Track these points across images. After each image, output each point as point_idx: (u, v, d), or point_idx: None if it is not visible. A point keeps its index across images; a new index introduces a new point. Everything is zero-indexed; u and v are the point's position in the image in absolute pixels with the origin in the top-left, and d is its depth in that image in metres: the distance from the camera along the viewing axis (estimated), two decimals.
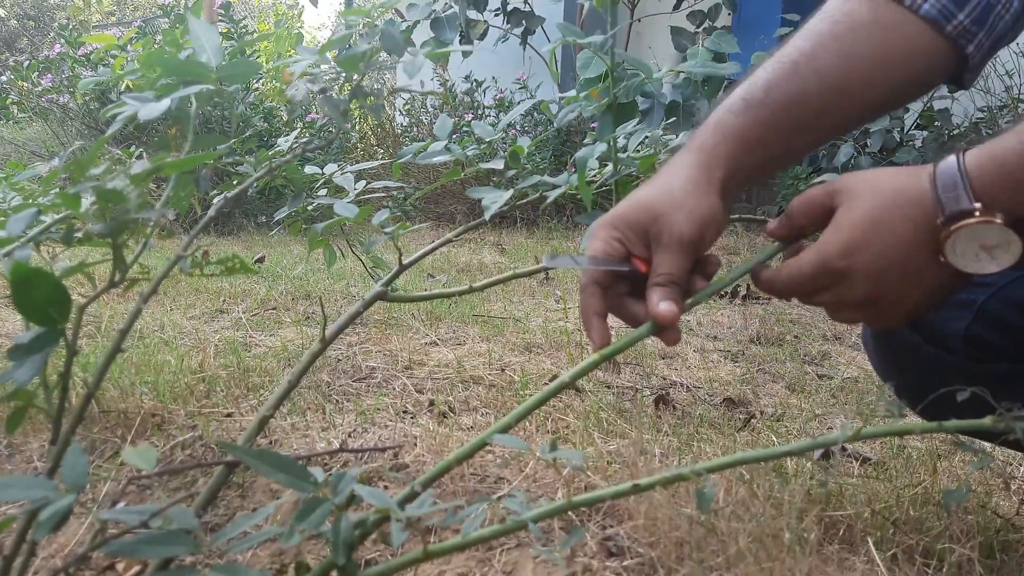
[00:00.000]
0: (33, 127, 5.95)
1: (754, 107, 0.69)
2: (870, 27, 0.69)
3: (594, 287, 0.68)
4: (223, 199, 0.93)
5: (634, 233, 0.66)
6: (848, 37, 0.69)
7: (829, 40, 0.69)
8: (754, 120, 0.68)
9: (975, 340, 0.81)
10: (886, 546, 0.96)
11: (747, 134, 0.68)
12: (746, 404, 1.60)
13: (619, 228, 0.67)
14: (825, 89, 0.68)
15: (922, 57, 0.70)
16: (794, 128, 0.69)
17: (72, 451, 0.59)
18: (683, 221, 0.64)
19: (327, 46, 0.89)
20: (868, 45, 0.69)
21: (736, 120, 0.69)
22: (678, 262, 0.64)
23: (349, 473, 0.59)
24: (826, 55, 0.69)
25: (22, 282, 0.59)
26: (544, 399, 0.67)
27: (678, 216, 0.64)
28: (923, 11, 0.68)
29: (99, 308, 2.21)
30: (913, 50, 0.69)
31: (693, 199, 0.65)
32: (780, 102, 0.68)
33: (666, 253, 0.65)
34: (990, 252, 0.56)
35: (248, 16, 9.09)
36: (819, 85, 0.68)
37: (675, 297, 0.64)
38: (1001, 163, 0.56)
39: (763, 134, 0.68)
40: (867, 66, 0.69)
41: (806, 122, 0.69)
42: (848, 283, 0.61)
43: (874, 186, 0.60)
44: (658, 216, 0.65)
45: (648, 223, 0.65)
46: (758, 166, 0.70)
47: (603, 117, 1.04)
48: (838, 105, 0.69)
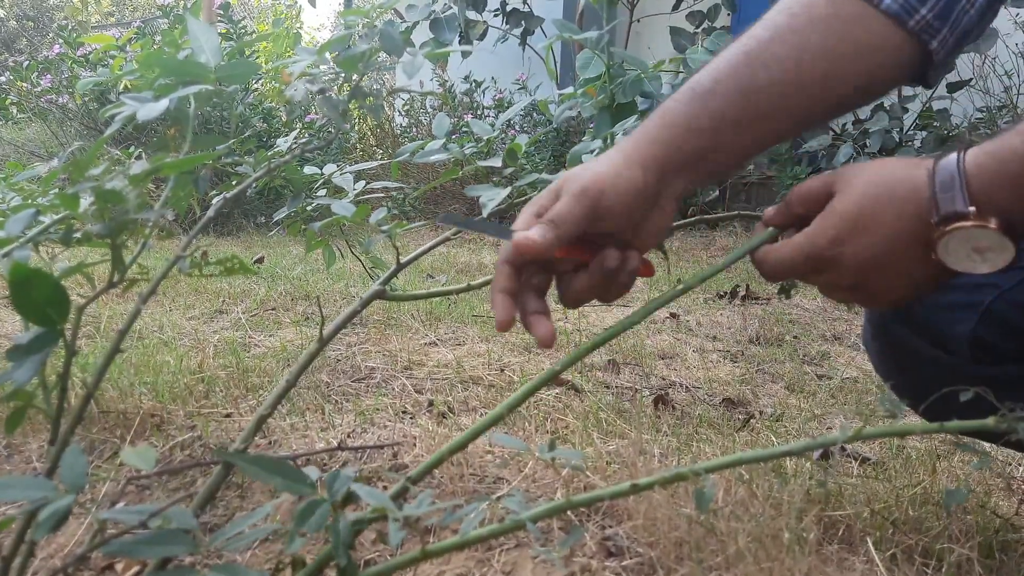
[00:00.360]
0: (32, 127, 5.96)
1: (701, 95, 0.67)
2: (828, 20, 0.67)
3: (504, 266, 0.66)
4: (222, 199, 0.93)
5: (549, 201, 0.65)
6: (805, 30, 0.67)
7: (786, 32, 0.67)
8: (700, 108, 0.66)
9: (980, 343, 0.80)
10: (885, 546, 0.96)
11: (691, 122, 0.66)
12: (745, 404, 1.61)
13: (539, 201, 0.66)
14: (778, 81, 0.66)
15: (883, 53, 0.68)
16: (744, 119, 0.67)
17: (71, 451, 0.59)
18: (587, 175, 0.63)
19: (326, 46, 0.89)
20: (825, 39, 0.67)
21: (680, 107, 0.67)
22: (570, 205, 0.62)
23: (345, 472, 0.59)
24: (781, 47, 0.67)
25: (21, 282, 0.59)
26: (535, 388, 0.66)
27: (582, 172, 0.64)
28: (884, 5, 0.66)
29: (98, 308, 2.21)
30: (874, 46, 0.67)
31: (602, 162, 0.64)
32: (729, 91, 0.66)
33: (563, 198, 0.63)
34: (982, 254, 0.56)
35: (247, 17, 9.09)
36: (771, 77, 0.66)
37: (546, 232, 0.62)
38: (1001, 162, 0.56)
39: (709, 123, 0.66)
40: (824, 61, 0.67)
41: (757, 113, 0.67)
42: (836, 270, 0.62)
43: (870, 178, 0.60)
44: (568, 179, 0.64)
45: (560, 187, 0.65)
46: (701, 154, 0.67)
47: (600, 114, 1.04)
48: (792, 99, 0.67)
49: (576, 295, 0.67)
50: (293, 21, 9.11)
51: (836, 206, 0.61)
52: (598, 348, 0.67)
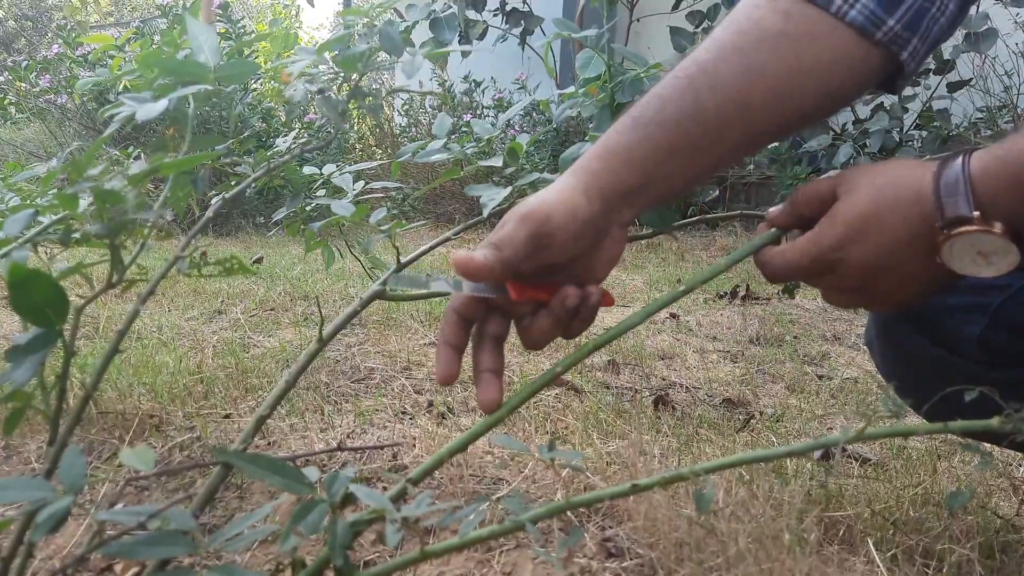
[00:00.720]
0: (31, 127, 5.96)
1: (643, 124, 0.65)
2: (778, 38, 0.64)
3: (451, 314, 0.65)
4: (221, 199, 0.93)
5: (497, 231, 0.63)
6: (752, 49, 0.64)
7: (731, 53, 0.65)
8: (641, 138, 0.64)
9: (988, 344, 0.80)
10: (886, 546, 0.96)
11: (632, 153, 0.64)
12: (746, 405, 1.60)
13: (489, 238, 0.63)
14: (724, 104, 0.64)
15: (846, 65, 0.65)
16: (689, 145, 0.65)
17: (70, 452, 0.58)
18: (532, 201, 0.61)
19: (325, 46, 0.89)
20: (775, 57, 0.64)
21: (621, 139, 0.65)
22: (515, 229, 0.60)
23: (343, 473, 0.59)
24: (726, 69, 0.64)
25: (20, 283, 0.59)
26: (535, 389, 0.66)
27: (531, 199, 0.62)
28: (849, 17, 0.64)
29: (97, 309, 2.21)
30: (835, 59, 0.65)
31: (548, 192, 0.63)
32: (672, 119, 0.64)
33: (507, 225, 0.61)
34: (987, 258, 0.56)
35: (246, 16, 9.09)
36: (716, 100, 0.64)
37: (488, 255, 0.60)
38: (1007, 167, 0.55)
39: (651, 152, 0.64)
40: (774, 80, 0.64)
41: (704, 138, 0.65)
42: (840, 274, 0.61)
43: (875, 182, 0.60)
44: (516, 206, 0.62)
45: (507, 219, 0.62)
46: (645, 184, 0.65)
47: (600, 113, 1.04)
48: (740, 121, 0.65)
49: (537, 337, 0.66)
50: (292, 21, 9.11)
51: (841, 210, 0.60)
52: (599, 349, 0.67)
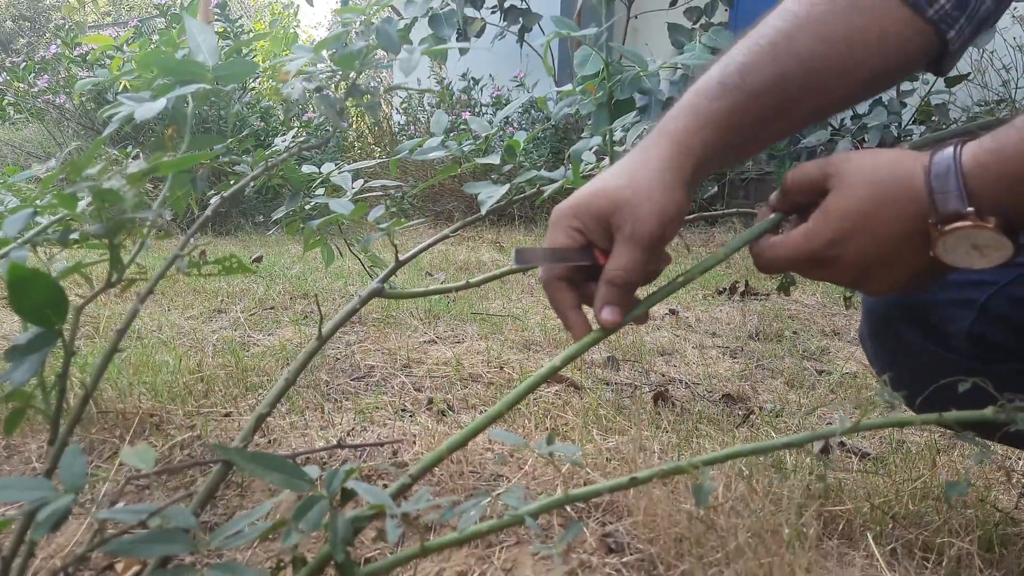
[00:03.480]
0: (29, 128, 5.95)
1: (731, 91, 0.65)
2: (848, 10, 0.66)
3: (558, 283, 0.66)
4: (219, 198, 0.93)
5: (595, 222, 0.64)
6: (827, 19, 0.66)
7: (807, 22, 0.66)
8: (731, 105, 0.65)
9: (978, 339, 0.80)
10: (885, 540, 0.97)
11: (722, 120, 0.65)
12: (745, 400, 1.61)
13: (580, 217, 0.64)
14: (804, 73, 0.66)
15: (902, 42, 0.67)
16: (770, 113, 0.66)
17: (70, 451, 0.59)
18: (647, 216, 0.61)
19: (322, 44, 0.89)
20: (847, 28, 0.66)
21: (712, 105, 0.65)
22: (635, 258, 0.62)
23: (342, 469, 0.59)
24: (805, 38, 0.66)
25: (19, 283, 0.59)
26: (535, 385, 0.66)
27: (643, 209, 0.62)
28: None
29: (97, 309, 2.21)
30: (892, 34, 0.66)
31: (659, 192, 0.62)
32: (757, 86, 0.65)
33: (625, 247, 0.62)
34: (981, 251, 0.56)
35: (244, 15, 9.08)
36: (798, 69, 0.65)
37: (621, 300, 0.62)
38: (1001, 161, 0.55)
39: (740, 120, 0.65)
40: (846, 50, 0.66)
41: (783, 107, 0.66)
42: (835, 268, 0.61)
43: (867, 177, 0.59)
44: (622, 206, 0.62)
45: (610, 212, 0.63)
46: (729, 153, 0.67)
47: (599, 111, 1.04)
48: (816, 90, 0.67)
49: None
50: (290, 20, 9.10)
51: (833, 206, 0.60)
52: (597, 344, 0.67)
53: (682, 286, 0.67)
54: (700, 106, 0.66)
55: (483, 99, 5.59)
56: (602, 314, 0.62)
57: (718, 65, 0.68)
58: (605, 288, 0.63)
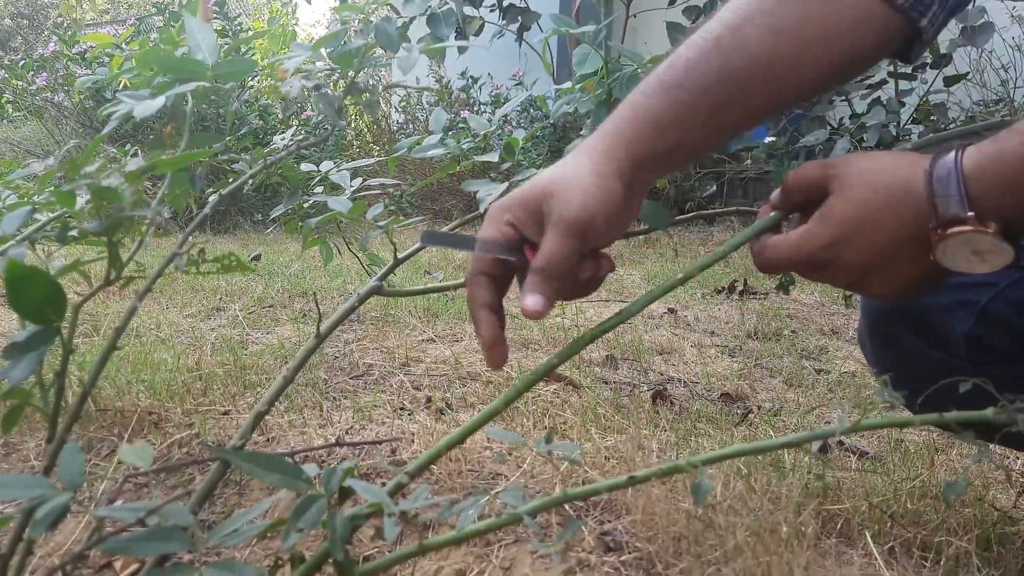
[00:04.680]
0: (28, 126, 5.95)
1: (671, 88, 0.64)
2: (803, 1, 0.64)
3: (480, 277, 0.64)
4: (218, 196, 0.93)
5: (526, 214, 0.62)
6: (779, 11, 0.64)
7: (757, 14, 0.65)
8: (671, 102, 0.64)
9: (977, 342, 0.80)
10: (884, 539, 0.97)
11: (661, 117, 0.64)
12: (743, 399, 1.61)
13: (512, 209, 0.63)
14: (750, 66, 0.64)
15: (866, 30, 0.65)
16: (715, 108, 0.65)
17: (68, 449, 0.59)
18: (575, 200, 0.60)
19: (321, 42, 0.89)
20: (800, 19, 0.64)
21: (650, 103, 0.64)
22: (562, 246, 0.60)
23: (340, 467, 0.59)
24: (753, 31, 0.64)
25: (17, 281, 0.59)
26: (532, 382, 0.65)
27: (571, 195, 0.60)
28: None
29: (96, 307, 2.21)
30: (859, 23, 0.65)
31: (589, 179, 0.61)
32: (700, 82, 0.64)
33: (552, 233, 0.60)
34: (981, 256, 0.56)
35: (243, 13, 9.07)
36: (744, 63, 0.64)
37: (546, 290, 0.60)
38: (1001, 166, 0.54)
39: (680, 117, 0.64)
40: (800, 41, 0.64)
41: (729, 101, 0.65)
42: (833, 271, 0.61)
43: (868, 180, 0.59)
44: (550, 195, 0.61)
45: (541, 201, 0.61)
46: (673, 150, 0.65)
47: (598, 109, 1.04)
48: (766, 83, 0.65)
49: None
50: (289, 18, 9.09)
51: (833, 209, 0.60)
52: (595, 340, 0.66)
53: (681, 283, 0.67)
54: (638, 103, 0.65)
55: (482, 97, 5.59)
56: (525, 301, 0.60)
57: (665, 62, 0.67)
58: (531, 276, 0.61)
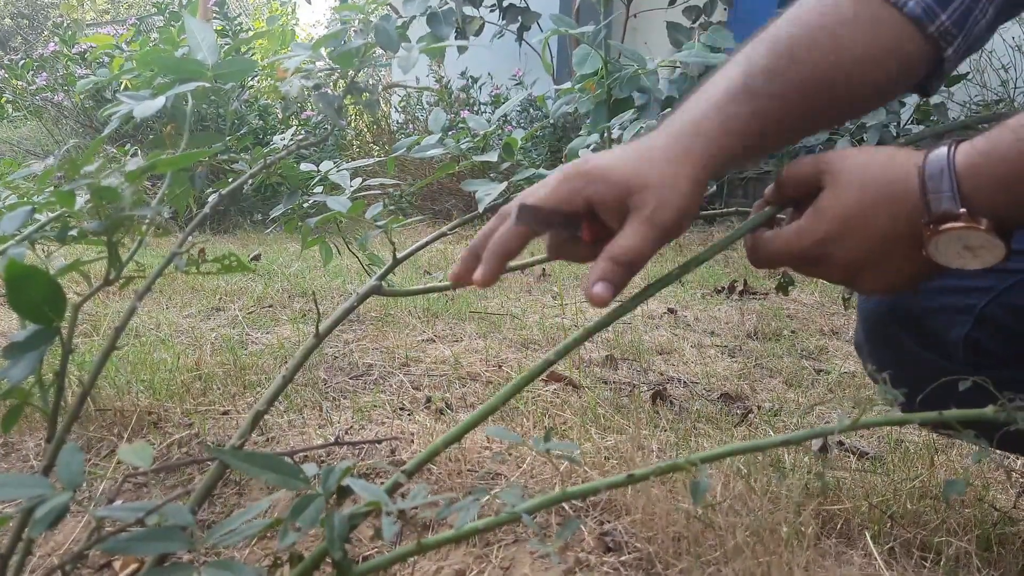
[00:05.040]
0: (28, 125, 5.94)
1: (757, 96, 0.64)
2: (856, 23, 0.66)
3: (523, 230, 0.61)
4: (218, 196, 0.93)
5: (612, 193, 0.60)
6: (838, 31, 0.66)
7: (819, 32, 0.66)
8: (754, 110, 0.64)
9: (974, 346, 0.80)
10: (883, 539, 0.97)
11: (748, 125, 0.64)
12: (743, 399, 1.61)
13: (595, 182, 0.61)
14: (819, 81, 0.65)
15: (902, 57, 0.67)
16: (786, 119, 0.66)
17: (68, 449, 0.59)
18: (672, 204, 0.59)
19: (320, 42, 0.89)
20: (855, 42, 0.66)
21: (738, 109, 0.64)
22: (649, 244, 0.59)
23: (338, 466, 0.59)
24: (819, 48, 0.66)
25: (17, 280, 0.59)
26: (530, 378, 0.65)
27: (669, 197, 0.59)
28: (907, 9, 0.66)
29: (96, 307, 2.21)
30: (895, 49, 0.67)
31: (687, 187, 0.60)
32: (778, 93, 0.65)
33: (641, 227, 0.59)
34: (974, 251, 0.56)
35: (243, 13, 9.07)
36: (814, 77, 0.65)
37: (618, 280, 0.59)
38: (993, 163, 0.54)
39: (762, 126, 0.65)
40: (854, 63, 0.66)
41: (797, 115, 0.66)
42: (826, 266, 0.61)
43: (861, 176, 0.59)
44: (648, 186, 0.59)
45: (633, 188, 0.60)
46: (742, 158, 0.66)
47: (597, 109, 1.04)
48: (831, 99, 0.67)
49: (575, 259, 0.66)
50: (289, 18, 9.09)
51: (825, 204, 0.60)
52: (592, 336, 0.66)
53: (678, 278, 0.67)
54: (727, 109, 0.65)
55: (482, 97, 5.59)
56: (595, 287, 0.58)
57: (738, 66, 0.67)
58: (606, 263, 0.59)
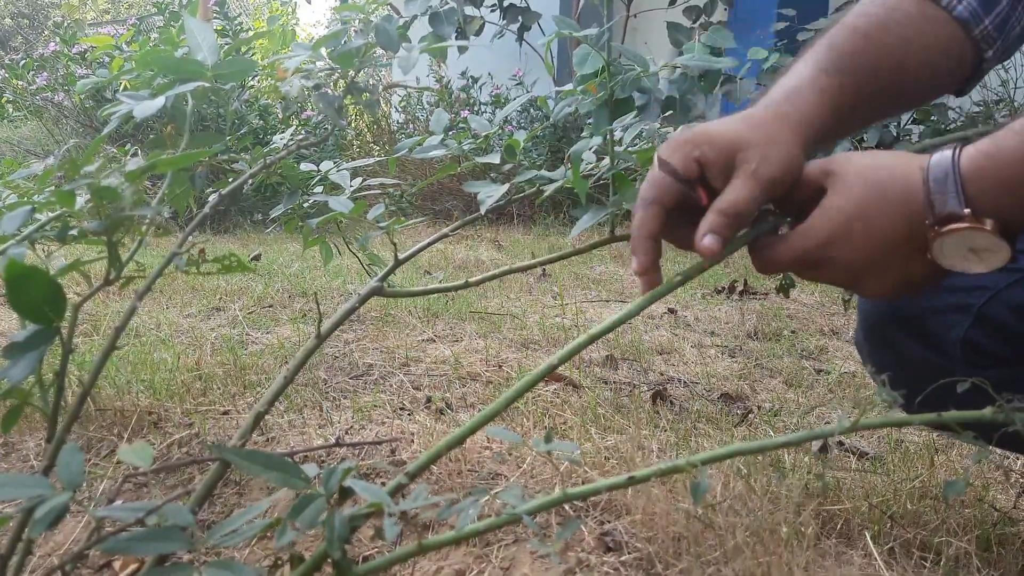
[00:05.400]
0: (28, 125, 5.94)
1: (842, 73, 0.68)
2: (918, 19, 0.71)
3: (656, 207, 0.64)
4: (218, 196, 0.93)
5: (717, 155, 0.62)
6: (904, 23, 0.70)
7: (890, 23, 0.70)
8: (840, 87, 0.67)
9: (973, 345, 0.80)
10: (883, 540, 0.97)
11: (839, 98, 0.67)
12: (743, 399, 1.61)
13: (701, 146, 0.62)
14: (892, 67, 0.70)
15: (951, 57, 0.72)
16: (861, 100, 0.69)
17: (68, 449, 0.59)
18: (776, 159, 0.61)
19: (321, 42, 0.89)
20: (918, 35, 0.70)
21: (829, 81, 0.67)
22: (753, 195, 0.61)
23: (339, 466, 0.59)
24: (889, 36, 0.70)
25: (17, 280, 0.59)
26: (532, 382, 0.65)
27: (773, 152, 0.61)
28: (956, 12, 0.71)
29: (96, 306, 2.21)
30: (945, 49, 0.71)
31: (790, 145, 0.62)
32: (858, 73, 0.68)
33: (747, 181, 0.61)
34: (978, 254, 0.56)
35: (243, 13, 9.08)
36: (888, 62, 0.69)
37: (726, 232, 0.61)
38: (998, 164, 0.55)
39: (851, 100, 0.68)
40: (918, 54, 0.70)
41: (869, 97, 0.69)
42: (830, 269, 0.61)
43: (865, 178, 0.59)
44: (753, 144, 0.61)
45: (738, 147, 0.61)
46: (831, 131, 0.68)
47: (599, 110, 1.04)
48: (899, 84, 0.71)
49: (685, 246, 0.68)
50: (289, 18, 9.09)
51: (830, 207, 0.60)
52: (596, 341, 0.66)
53: (680, 285, 0.67)
54: (820, 82, 0.67)
55: (482, 98, 5.58)
56: (704, 240, 0.60)
57: (824, 45, 0.70)
58: (714, 216, 0.61)
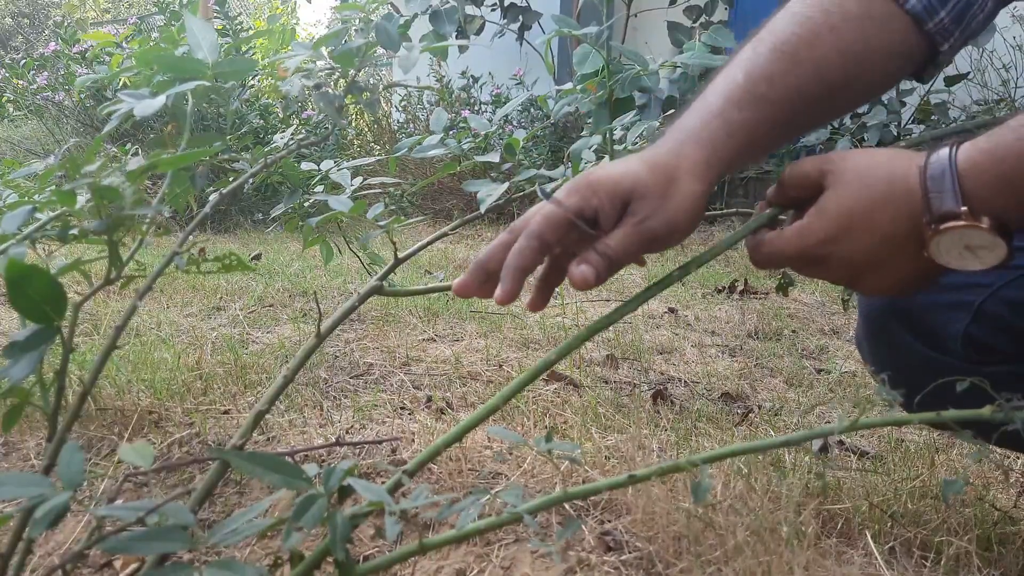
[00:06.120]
0: (28, 125, 5.94)
1: (759, 102, 0.65)
2: (861, 20, 0.67)
3: (539, 242, 0.62)
4: (218, 195, 0.93)
5: (611, 204, 0.61)
6: (842, 29, 0.67)
7: (825, 31, 0.67)
8: (758, 118, 0.65)
9: (973, 342, 0.80)
10: (884, 539, 0.97)
11: (752, 132, 0.65)
12: (744, 399, 1.61)
13: (598, 194, 0.61)
14: (822, 83, 0.66)
15: (902, 53, 0.69)
16: (790, 122, 0.67)
17: (68, 448, 0.58)
18: (661, 216, 0.60)
19: (321, 41, 0.89)
20: (859, 40, 0.67)
21: (742, 116, 0.65)
22: (633, 246, 0.60)
23: (340, 466, 0.59)
24: (823, 48, 0.66)
25: (18, 279, 0.59)
26: (530, 378, 0.65)
27: (660, 209, 0.60)
28: (908, 6, 0.68)
29: (97, 306, 2.21)
30: (895, 45, 0.69)
31: (683, 199, 0.61)
32: (782, 98, 0.65)
33: (631, 232, 0.60)
34: (975, 252, 0.56)
35: (243, 12, 9.07)
36: (817, 80, 0.66)
37: (602, 270, 0.60)
38: (995, 161, 0.54)
39: (761, 130, 0.65)
40: (858, 62, 0.67)
41: (800, 116, 0.67)
42: (827, 266, 0.61)
43: (863, 177, 0.59)
44: (645, 196, 0.60)
45: (634, 197, 0.61)
46: (746, 160, 0.67)
47: (598, 110, 1.04)
48: (828, 100, 0.68)
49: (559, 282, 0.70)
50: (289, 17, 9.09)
51: (828, 204, 0.60)
52: (593, 336, 0.66)
53: (678, 279, 0.67)
54: (730, 116, 0.65)
55: (483, 97, 5.58)
56: (579, 268, 0.59)
57: (741, 69, 0.67)
58: (594, 254, 0.60)
